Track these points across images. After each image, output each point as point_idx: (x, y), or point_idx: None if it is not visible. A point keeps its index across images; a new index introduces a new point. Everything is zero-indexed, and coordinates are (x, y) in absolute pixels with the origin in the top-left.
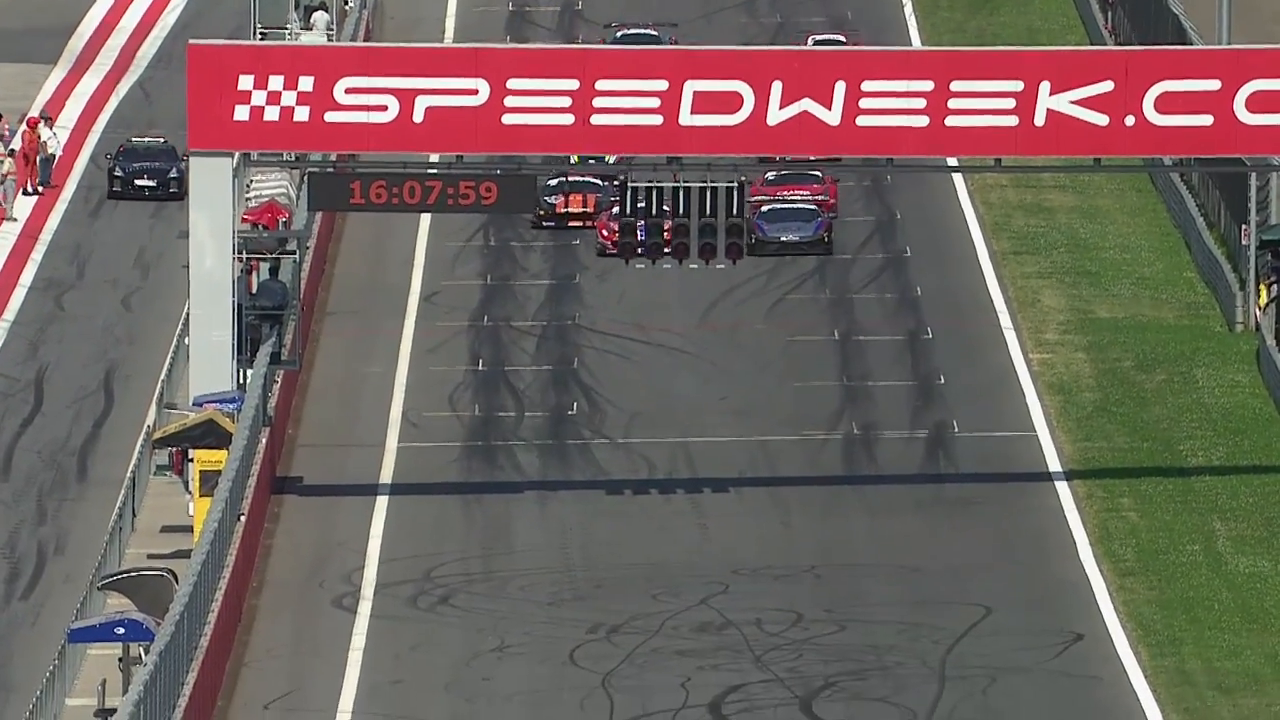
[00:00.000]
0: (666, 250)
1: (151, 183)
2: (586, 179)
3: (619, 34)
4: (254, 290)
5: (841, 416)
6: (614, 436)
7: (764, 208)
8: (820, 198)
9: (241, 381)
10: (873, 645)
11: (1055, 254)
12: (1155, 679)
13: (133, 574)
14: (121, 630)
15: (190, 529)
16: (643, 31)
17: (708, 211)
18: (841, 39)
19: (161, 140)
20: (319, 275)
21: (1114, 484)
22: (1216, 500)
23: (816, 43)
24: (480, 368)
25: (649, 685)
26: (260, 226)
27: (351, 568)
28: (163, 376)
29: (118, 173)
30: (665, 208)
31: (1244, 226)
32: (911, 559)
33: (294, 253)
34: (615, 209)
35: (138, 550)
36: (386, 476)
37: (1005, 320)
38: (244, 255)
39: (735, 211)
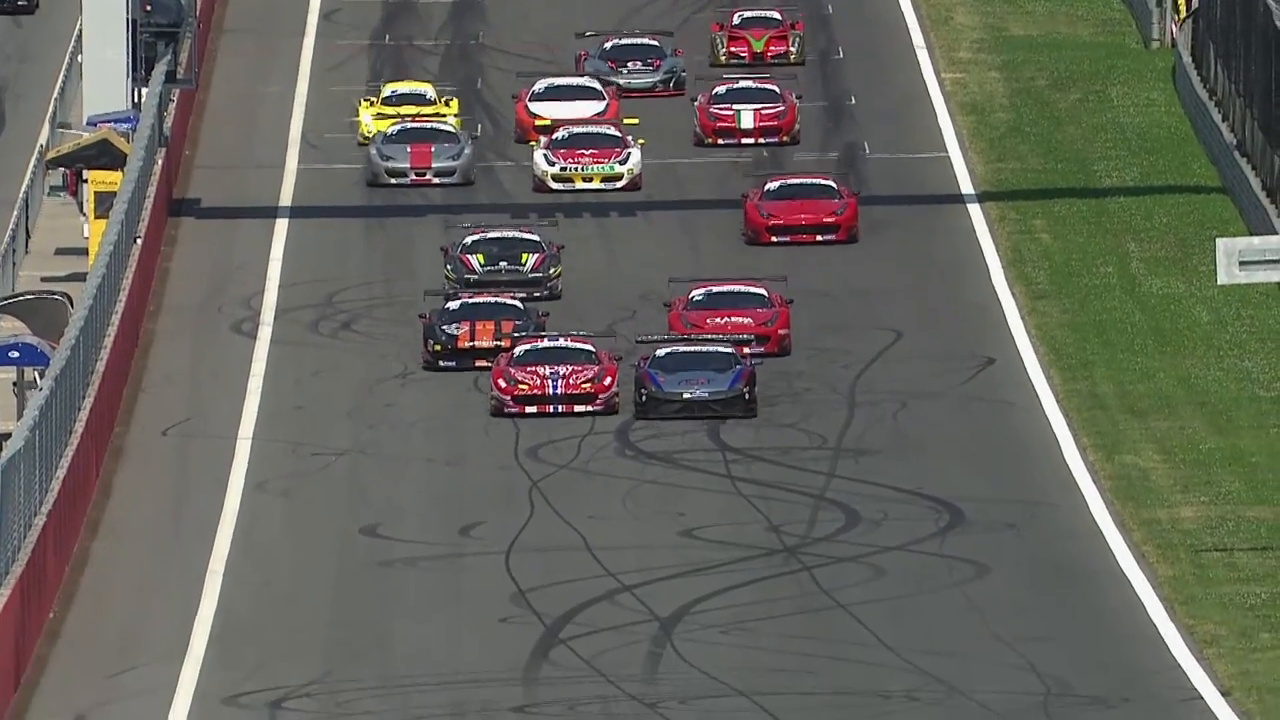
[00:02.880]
0: None
1: None
2: (498, 299)
3: None
4: (148, 6)
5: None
6: (519, 159)
7: (659, 351)
8: (753, 336)
9: (136, 100)
10: (780, 371)
11: None
12: (1067, 403)
13: (27, 297)
14: (16, 354)
15: (85, 251)
16: None
17: None
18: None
19: None
20: None
21: (1027, 205)
22: (1130, 221)
23: None
24: None
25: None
26: None
27: (251, 292)
28: (55, 95)
29: None
30: None
31: None
32: (820, 283)
33: None
34: (517, 347)
35: (31, 272)
36: (286, 199)
37: (917, 39)
38: None
39: None
